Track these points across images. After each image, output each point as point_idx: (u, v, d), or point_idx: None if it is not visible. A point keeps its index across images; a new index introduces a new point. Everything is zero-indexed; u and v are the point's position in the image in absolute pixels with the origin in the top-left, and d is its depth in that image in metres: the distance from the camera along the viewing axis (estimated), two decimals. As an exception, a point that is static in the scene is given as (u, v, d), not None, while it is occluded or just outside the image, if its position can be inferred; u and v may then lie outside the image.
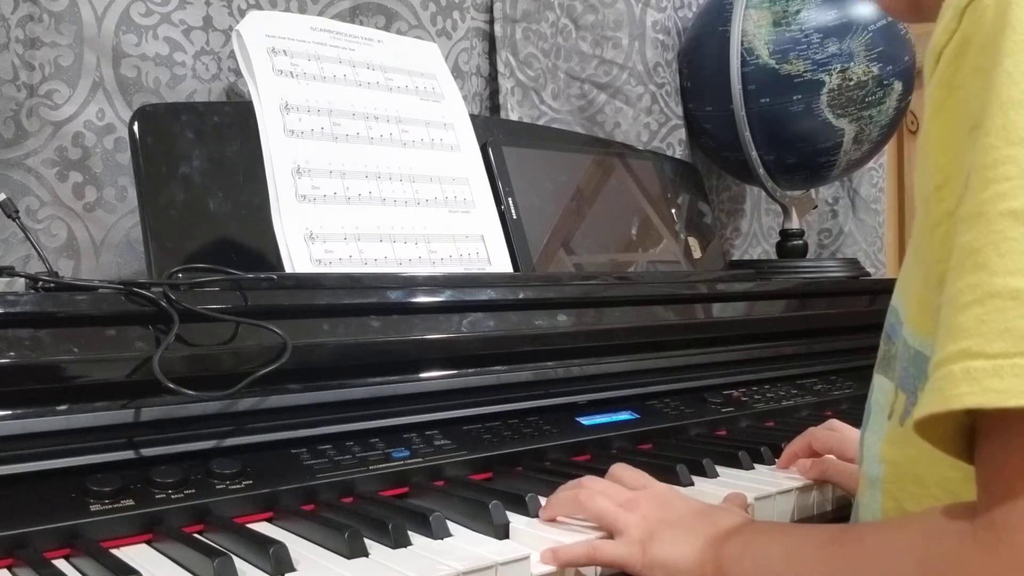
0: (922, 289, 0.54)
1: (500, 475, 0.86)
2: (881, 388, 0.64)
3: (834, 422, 0.93)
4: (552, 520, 0.73)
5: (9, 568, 0.61)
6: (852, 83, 1.43)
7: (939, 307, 0.48)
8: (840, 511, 0.87)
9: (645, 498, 0.71)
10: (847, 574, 0.52)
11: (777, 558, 0.59)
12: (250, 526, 0.69)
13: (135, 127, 0.94)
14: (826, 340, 1.29)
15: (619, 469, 0.77)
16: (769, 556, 0.60)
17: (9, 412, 0.65)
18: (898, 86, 1.47)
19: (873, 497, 0.63)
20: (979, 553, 0.44)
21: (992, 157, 0.45)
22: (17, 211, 0.88)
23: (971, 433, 0.47)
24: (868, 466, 0.64)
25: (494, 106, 1.42)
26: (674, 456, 0.89)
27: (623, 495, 0.72)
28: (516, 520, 0.72)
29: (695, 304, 1.14)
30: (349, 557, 0.63)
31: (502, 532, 0.69)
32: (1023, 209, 0.44)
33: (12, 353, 0.65)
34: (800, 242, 1.60)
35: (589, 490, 0.72)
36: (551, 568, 0.65)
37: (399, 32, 1.29)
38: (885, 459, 0.61)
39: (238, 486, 0.72)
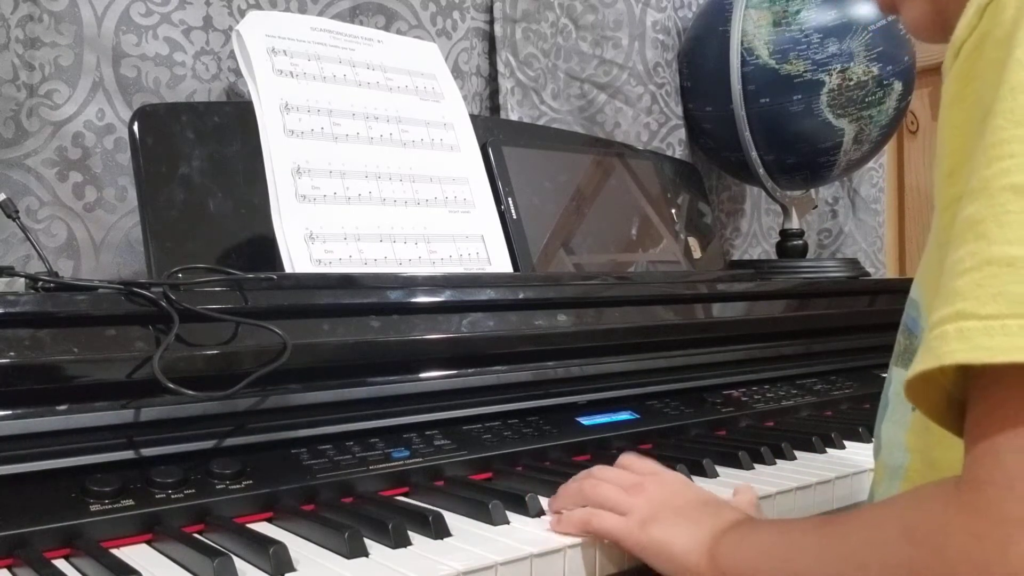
0: (940, 276, 0.55)
1: (500, 475, 0.86)
2: (900, 380, 0.65)
3: None
4: (559, 512, 0.73)
5: (9, 568, 0.61)
6: (852, 83, 1.43)
7: None
8: (843, 511, 0.86)
9: (651, 482, 0.72)
10: (835, 546, 0.53)
11: (769, 545, 0.60)
12: (250, 526, 0.69)
13: (135, 127, 0.94)
14: (826, 340, 1.29)
15: (628, 458, 0.77)
16: (762, 544, 0.61)
17: (9, 412, 0.65)
18: (898, 86, 1.47)
19: (891, 486, 0.64)
20: (962, 513, 0.44)
21: (998, 137, 0.46)
22: (17, 211, 0.88)
23: (960, 408, 0.48)
24: (888, 456, 0.65)
25: (494, 106, 1.42)
26: (674, 456, 0.89)
27: (629, 480, 0.72)
28: (516, 520, 0.72)
29: (695, 304, 1.14)
30: (349, 557, 0.63)
31: (502, 532, 0.69)
32: None
33: (12, 353, 0.65)
34: (800, 242, 1.60)
35: (594, 479, 0.73)
36: (550, 566, 0.65)
37: (399, 32, 1.29)
38: (911, 448, 0.62)
39: (238, 486, 0.72)
